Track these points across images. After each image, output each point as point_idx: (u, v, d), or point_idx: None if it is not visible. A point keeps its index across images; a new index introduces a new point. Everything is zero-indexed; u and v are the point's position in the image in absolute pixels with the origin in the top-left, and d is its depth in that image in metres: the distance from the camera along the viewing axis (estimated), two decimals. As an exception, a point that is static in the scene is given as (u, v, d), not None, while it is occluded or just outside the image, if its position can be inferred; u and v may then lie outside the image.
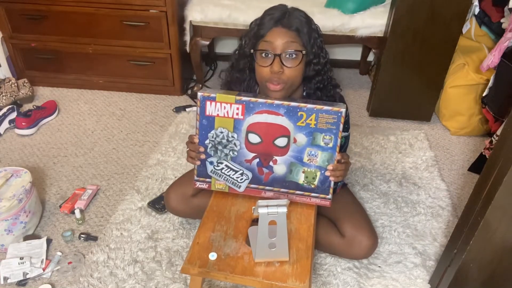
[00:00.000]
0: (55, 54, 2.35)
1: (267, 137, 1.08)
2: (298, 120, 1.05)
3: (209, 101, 1.06)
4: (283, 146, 1.09)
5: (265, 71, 1.12)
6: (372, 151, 2.00)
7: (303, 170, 1.10)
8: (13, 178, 1.50)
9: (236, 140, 1.09)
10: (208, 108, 1.07)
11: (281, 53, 1.10)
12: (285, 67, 1.11)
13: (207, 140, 1.11)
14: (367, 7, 2.14)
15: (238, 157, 1.11)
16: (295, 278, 0.99)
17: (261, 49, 1.12)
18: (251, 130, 1.08)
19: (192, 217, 1.54)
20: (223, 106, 1.06)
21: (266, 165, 1.11)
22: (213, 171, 1.16)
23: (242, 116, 1.06)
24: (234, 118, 1.07)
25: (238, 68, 1.22)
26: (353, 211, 1.40)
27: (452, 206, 1.71)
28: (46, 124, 2.16)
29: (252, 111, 1.06)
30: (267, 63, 1.12)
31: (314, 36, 1.16)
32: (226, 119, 1.07)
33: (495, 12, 2.06)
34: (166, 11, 2.14)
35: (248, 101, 1.05)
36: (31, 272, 1.36)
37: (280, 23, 1.11)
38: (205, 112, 1.08)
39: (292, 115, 1.05)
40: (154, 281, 1.36)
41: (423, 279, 1.40)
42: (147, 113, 2.28)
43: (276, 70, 1.10)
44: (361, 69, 2.75)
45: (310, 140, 1.06)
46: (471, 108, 2.09)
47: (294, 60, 1.12)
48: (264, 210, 0.95)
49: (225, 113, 1.07)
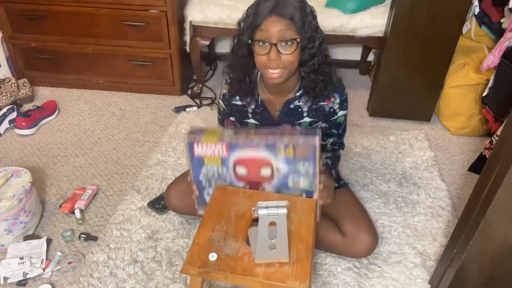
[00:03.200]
0: (55, 54, 2.35)
1: (253, 169, 1.17)
2: (277, 153, 1.13)
3: (196, 144, 1.14)
4: (268, 175, 1.17)
5: (263, 59, 1.17)
6: (372, 151, 2.00)
7: (289, 192, 1.20)
8: (13, 178, 1.50)
9: (226, 173, 1.18)
10: (196, 150, 1.15)
11: (277, 42, 1.14)
12: (281, 54, 1.15)
13: (201, 175, 1.20)
14: (367, 7, 2.14)
15: (231, 185, 1.21)
16: (295, 279, 0.99)
17: (257, 39, 1.16)
18: (237, 164, 1.17)
19: (192, 214, 1.55)
20: (209, 146, 1.14)
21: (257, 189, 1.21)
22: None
23: (227, 154, 1.15)
24: (220, 156, 1.15)
25: (237, 55, 1.26)
26: (353, 210, 1.41)
27: (452, 206, 1.71)
28: (46, 124, 2.16)
29: (235, 149, 1.14)
30: (265, 51, 1.16)
31: (309, 20, 1.17)
32: (214, 157, 1.16)
33: (495, 12, 2.06)
34: (166, 11, 2.14)
35: (230, 141, 1.13)
36: (31, 272, 1.36)
37: (275, 12, 1.13)
38: (194, 155, 1.16)
39: (271, 150, 1.12)
40: (154, 281, 1.36)
41: (423, 279, 1.40)
42: (147, 113, 2.28)
43: (273, 58, 1.15)
44: (361, 69, 2.75)
45: (292, 168, 1.14)
46: (471, 108, 2.09)
47: (290, 47, 1.15)
48: (264, 211, 0.95)
49: (211, 153, 1.15)
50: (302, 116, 1.34)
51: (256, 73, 1.33)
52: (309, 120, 1.35)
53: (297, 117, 1.34)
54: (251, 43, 1.18)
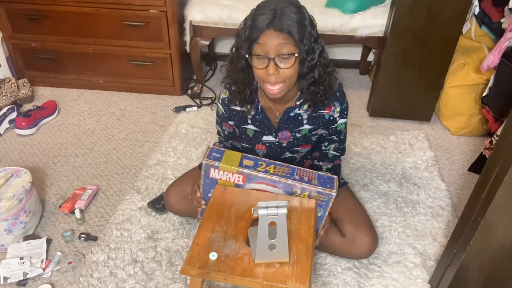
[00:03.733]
0: (55, 54, 2.35)
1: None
2: (293, 194, 1.16)
3: (213, 168, 1.16)
4: None
5: (261, 72, 1.15)
6: (372, 151, 2.00)
7: None
8: (13, 178, 1.50)
9: None
10: (212, 173, 1.17)
11: (275, 57, 1.12)
12: (280, 68, 1.14)
13: (210, 194, 1.21)
14: (367, 7, 2.14)
15: None
16: (295, 279, 0.99)
17: (255, 54, 1.14)
18: None
19: (191, 216, 1.55)
20: (226, 173, 1.16)
21: None
22: None
23: (243, 183, 1.17)
24: (235, 182, 1.18)
25: (236, 67, 1.24)
26: (353, 211, 1.41)
27: (452, 206, 1.71)
28: (46, 124, 2.16)
29: (252, 181, 1.16)
30: (263, 65, 1.14)
31: (308, 32, 1.14)
32: (229, 182, 1.18)
33: (495, 12, 2.06)
34: (166, 11, 2.14)
35: (249, 174, 1.14)
36: (31, 272, 1.36)
37: (272, 26, 1.10)
38: (209, 176, 1.18)
39: (288, 189, 1.15)
40: (154, 281, 1.36)
41: (423, 279, 1.40)
42: (147, 113, 2.28)
43: (271, 73, 1.13)
44: (361, 69, 2.75)
45: None
46: (471, 108, 2.09)
47: (288, 61, 1.13)
48: (264, 211, 0.95)
49: (227, 178, 1.17)
50: (302, 124, 1.33)
51: (255, 85, 1.31)
52: (309, 128, 1.34)
53: (296, 125, 1.33)
54: (249, 58, 1.16)
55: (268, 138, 1.37)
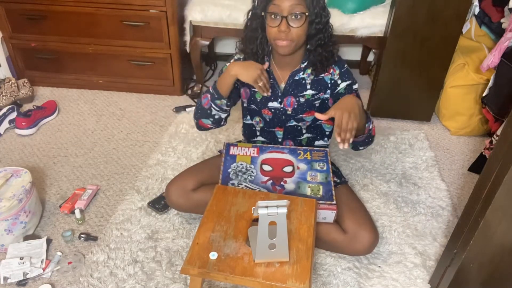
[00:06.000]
0: (55, 54, 2.35)
1: (277, 166, 1.42)
2: (298, 156, 1.46)
3: (232, 146, 1.48)
4: (290, 171, 1.41)
5: (274, 30, 1.29)
6: (372, 151, 2.00)
7: (308, 185, 1.37)
8: (13, 178, 1.50)
9: (253, 169, 1.41)
10: (232, 150, 1.47)
11: (288, 15, 1.26)
12: (291, 27, 1.27)
13: (230, 169, 1.41)
14: (367, 7, 2.14)
15: (255, 179, 1.38)
16: (295, 279, 0.99)
17: (270, 12, 1.28)
18: (264, 163, 1.43)
19: (192, 212, 1.55)
20: (243, 149, 1.47)
21: (278, 184, 1.37)
22: None
23: (257, 155, 1.46)
24: (251, 156, 1.45)
25: (251, 27, 1.38)
26: (354, 207, 1.42)
27: (452, 206, 1.71)
28: (46, 124, 2.16)
29: (264, 151, 1.47)
30: (276, 23, 1.28)
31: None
32: (245, 156, 1.45)
33: (495, 12, 2.06)
34: (166, 11, 2.14)
35: (261, 146, 1.49)
36: (31, 272, 1.36)
37: None
38: (229, 152, 1.46)
39: (293, 153, 1.47)
40: (154, 281, 1.36)
41: (423, 279, 1.40)
42: (147, 113, 2.28)
43: (283, 30, 1.27)
44: (361, 69, 2.75)
45: (309, 167, 1.43)
46: (471, 108, 2.09)
47: (299, 21, 1.28)
48: (264, 210, 0.95)
49: (244, 153, 1.46)
50: (305, 88, 1.44)
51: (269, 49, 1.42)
52: (312, 93, 1.44)
53: (300, 89, 1.44)
54: (264, 15, 1.31)
55: (274, 105, 1.47)
